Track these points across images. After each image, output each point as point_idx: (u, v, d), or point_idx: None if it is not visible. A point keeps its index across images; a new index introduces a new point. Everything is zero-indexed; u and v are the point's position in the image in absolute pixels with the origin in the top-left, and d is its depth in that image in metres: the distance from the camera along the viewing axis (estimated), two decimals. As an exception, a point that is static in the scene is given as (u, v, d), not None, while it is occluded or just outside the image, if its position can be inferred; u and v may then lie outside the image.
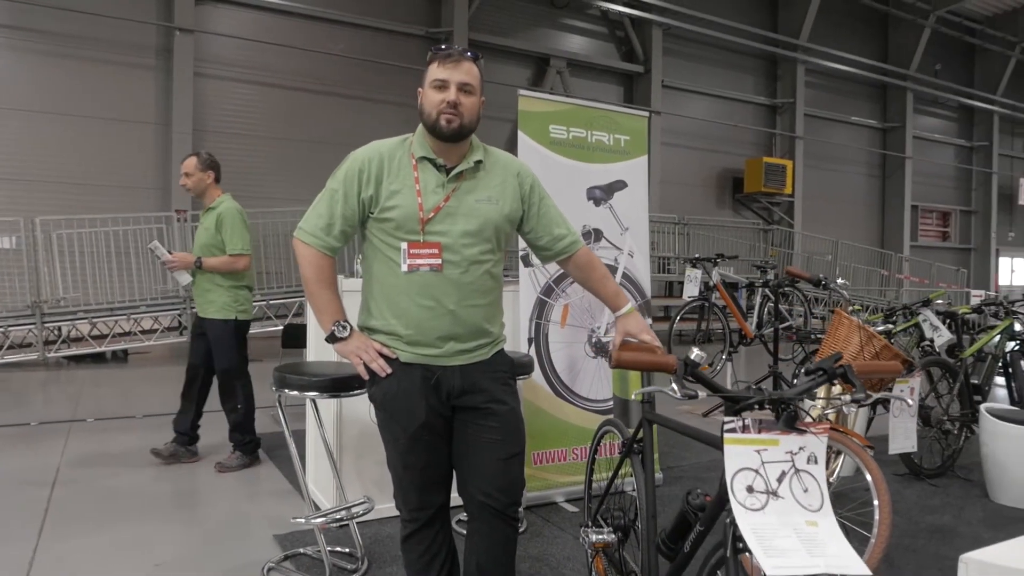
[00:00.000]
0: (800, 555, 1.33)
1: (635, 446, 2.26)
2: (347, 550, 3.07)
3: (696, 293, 6.02)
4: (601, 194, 4.01)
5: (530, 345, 3.74)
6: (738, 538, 1.49)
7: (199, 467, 4.32)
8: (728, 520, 1.50)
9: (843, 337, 2.72)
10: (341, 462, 3.35)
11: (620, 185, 4.08)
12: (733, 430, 1.46)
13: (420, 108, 1.97)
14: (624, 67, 14.27)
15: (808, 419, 1.50)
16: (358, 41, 11.71)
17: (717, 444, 1.95)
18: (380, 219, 1.96)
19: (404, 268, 1.93)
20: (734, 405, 1.53)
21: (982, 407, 4.04)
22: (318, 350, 3.67)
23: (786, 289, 6.17)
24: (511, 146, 12.60)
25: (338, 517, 2.81)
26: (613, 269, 4.01)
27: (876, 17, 17.63)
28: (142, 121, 10.26)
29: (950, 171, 19.62)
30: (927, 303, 5.30)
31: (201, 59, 10.54)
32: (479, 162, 2.01)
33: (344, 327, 1.97)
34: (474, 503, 2.02)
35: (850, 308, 5.27)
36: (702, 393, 1.57)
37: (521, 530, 3.31)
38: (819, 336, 5.18)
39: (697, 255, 6.27)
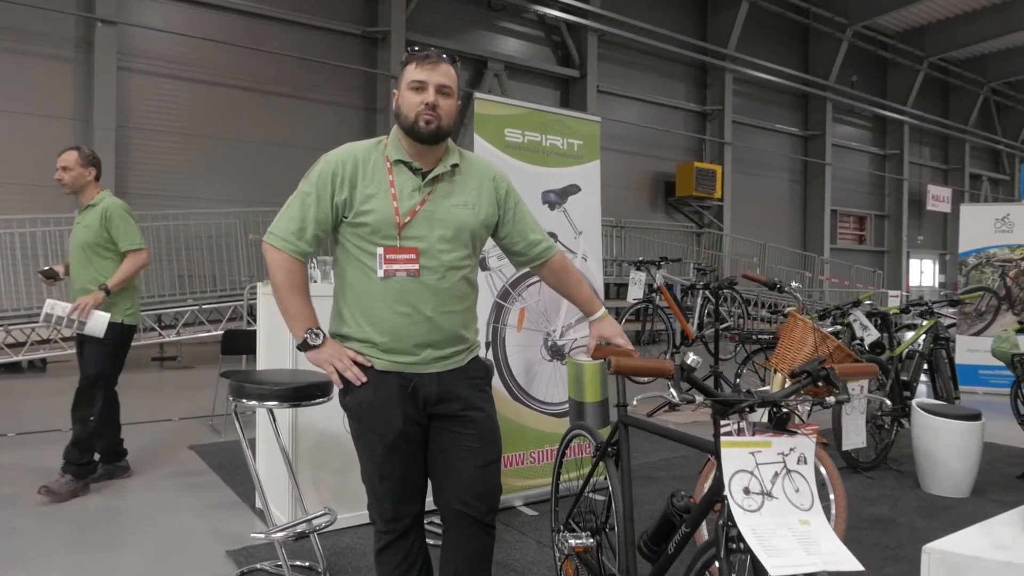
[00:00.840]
0: (798, 554, 1.37)
1: (609, 449, 2.28)
2: (307, 564, 2.98)
3: (641, 295, 6.14)
4: (555, 198, 4.03)
5: (487, 349, 3.72)
6: (731, 538, 1.51)
7: (135, 483, 4.11)
8: (721, 522, 1.52)
9: (798, 338, 2.82)
10: (297, 473, 3.24)
11: (574, 189, 4.11)
12: (729, 433, 1.48)
13: (396, 110, 1.93)
14: (560, 71, 14.42)
15: (798, 420, 1.54)
16: (292, 39, 11.43)
17: (693, 444, 1.99)
18: (354, 223, 1.91)
19: (380, 274, 1.88)
20: (726, 408, 1.56)
21: (913, 403, 4.26)
22: (270, 357, 3.55)
23: (725, 291, 6.36)
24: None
25: (300, 530, 2.72)
26: (568, 272, 4.03)
27: (798, 30, 18.41)
28: (59, 116, 9.70)
29: (865, 177, 20.67)
30: (857, 304, 5.56)
31: (125, 52, 10.05)
32: (455, 166, 1.97)
33: (317, 334, 1.91)
34: (451, 511, 1.98)
35: (787, 308, 5.48)
36: (699, 397, 1.59)
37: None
38: (760, 336, 5.36)
39: (641, 258, 6.39)
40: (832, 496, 2.61)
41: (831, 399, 1.57)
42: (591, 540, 2.24)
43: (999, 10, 17.62)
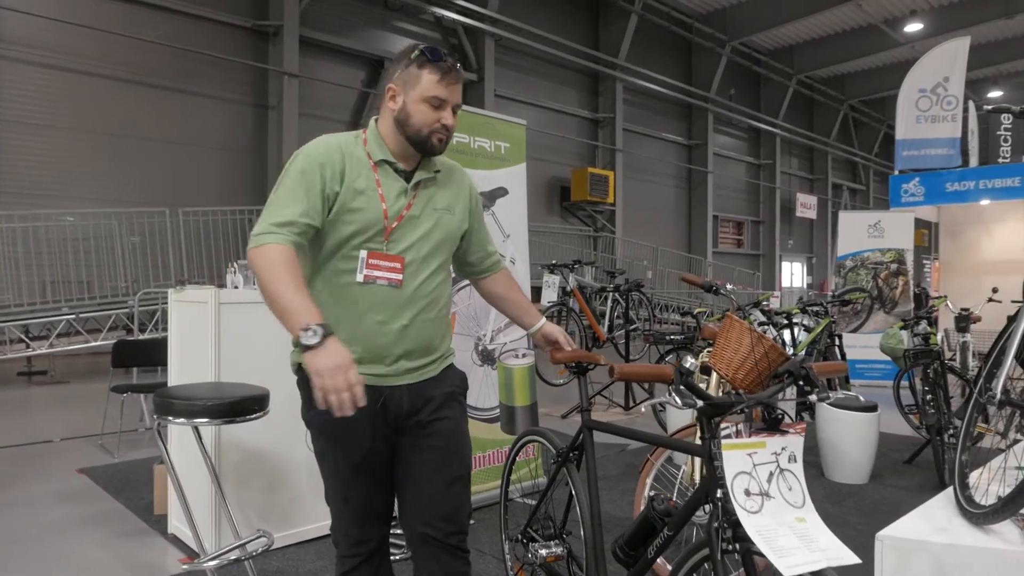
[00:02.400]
0: (802, 552, 1.39)
1: (571, 455, 2.26)
2: (238, 591, 2.77)
3: (555, 298, 6.19)
4: (485, 201, 3.99)
5: (419, 355, 3.62)
6: (726, 539, 1.53)
7: (22, 513, 3.69)
8: (716, 524, 1.53)
9: (735, 339, 2.92)
10: (225, 488, 3.01)
11: (501, 192, 4.09)
12: (728, 436, 1.49)
13: (403, 116, 1.77)
14: (458, 74, 14.37)
15: (787, 420, 1.57)
16: (176, 28, 10.73)
17: (659, 443, 2.01)
18: (338, 222, 1.75)
19: (359, 278, 1.76)
20: (716, 411, 1.57)
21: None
22: (185, 370, 3.28)
23: (634, 294, 6.54)
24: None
25: (234, 557, 2.53)
26: (497, 276, 4.00)
27: (683, 44, 19.32)
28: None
29: (743, 185, 21.98)
30: (757, 304, 5.88)
31: (-18, 35, 9.08)
32: (438, 172, 1.89)
33: (315, 332, 1.51)
34: (415, 535, 1.85)
35: (696, 311, 5.71)
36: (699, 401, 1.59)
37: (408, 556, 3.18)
38: (672, 337, 5.54)
39: (555, 261, 6.45)
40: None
41: (813, 397, 1.62)
42: (562, 548, 2.21)
43: (857, 34, 19.24)
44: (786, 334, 5.81)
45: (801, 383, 1.63)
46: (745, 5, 18.03)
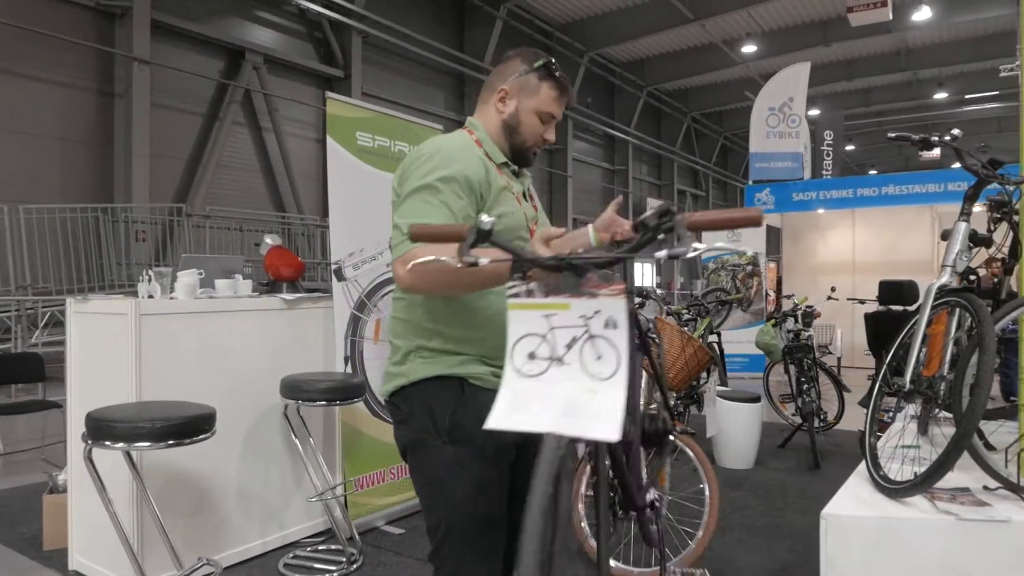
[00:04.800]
0: (543, 416, 1.19)
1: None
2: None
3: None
4: (405, 206, 3.95)
5: (346, 363, 3.52)
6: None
7: None
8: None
9: (667, 339, 3.13)
10: (142, 521, 2.77)
11: (421, 197, 4.06)
12: (517, 295, 1.28)
13: (514, 122, 1.75)
14: (323, 70, 13.92)
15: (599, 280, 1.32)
16: (7, 2, 9.54)
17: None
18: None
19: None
20: (520, 267, 1.33)
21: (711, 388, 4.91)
22: (89, 390, 2.96)
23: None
24: (206, 140, 11.45)
25: (180, 588, 2.35)
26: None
27: (544, 51, 19.88)
28: None
29: (599, 189, 23.03)
30: (643, 305, 6.23)
31: None
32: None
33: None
34: None
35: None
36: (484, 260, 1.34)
37: (358, 565, 3.11)
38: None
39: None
40: (705, 479, 2.94)
41: (679, 249, 1.29)
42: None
43: (700, 52, 20.77)
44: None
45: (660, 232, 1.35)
46: (601, 18, 18.91)
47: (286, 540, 3.31)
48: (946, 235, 2.72)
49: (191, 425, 2.28)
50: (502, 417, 1.20)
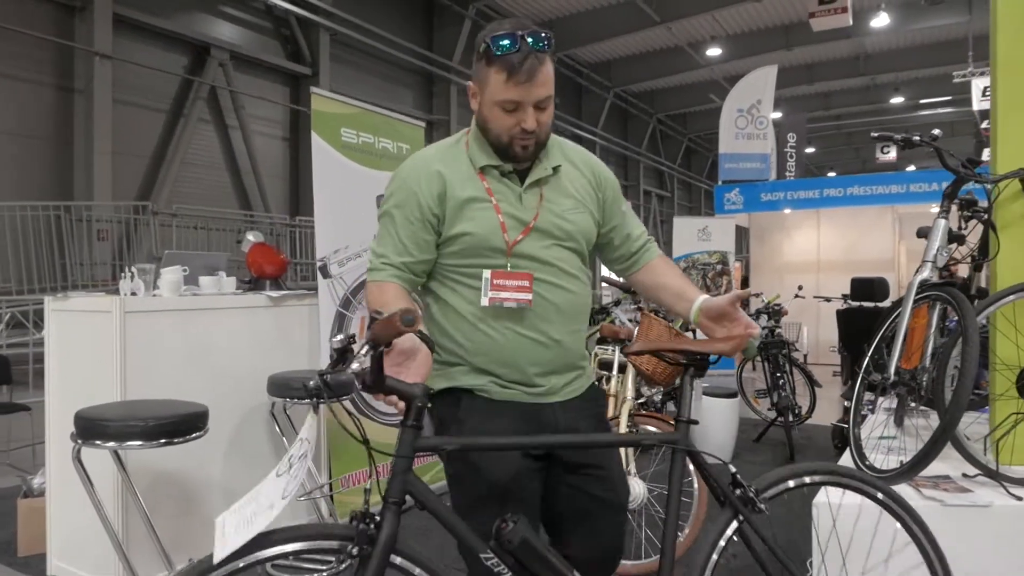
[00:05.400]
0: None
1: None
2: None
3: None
4: (389, 203, 3.93)
5: (332, 362, 3.49)
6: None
7: None
8: None
9: (655, 335, 3.16)
10: (127, 524, 2.71)
11: (404, 194, 4.04)
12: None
13: (482, 121, 1.60)
14: (291, 67, 13.75)
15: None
16: (-42, -7, 9.23)
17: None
18: (448, 243, 1.62)
19: (484, 302, 1.57)
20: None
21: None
22: (67, 388, 2.89)
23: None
24: (170, 137, 11.25)
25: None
26: (401, 279, 3.96)
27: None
28: None
29: (566, 190, 23.14)
30: (618, 303, 6.30)
31: None
32: (558, 167, 1.68)
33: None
34: None
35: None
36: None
37: (347, 564, 3.08)
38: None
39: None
40: (694, 472, 2.98)
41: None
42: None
43: (666, 55, 21.02)
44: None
45: None
46: (569, 19, 19.01)
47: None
48: (922, 232, 2.82)
49: (185, 423, 2.24)
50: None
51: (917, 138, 2.61)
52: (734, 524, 1.66)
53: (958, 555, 2.01)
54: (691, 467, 2.93)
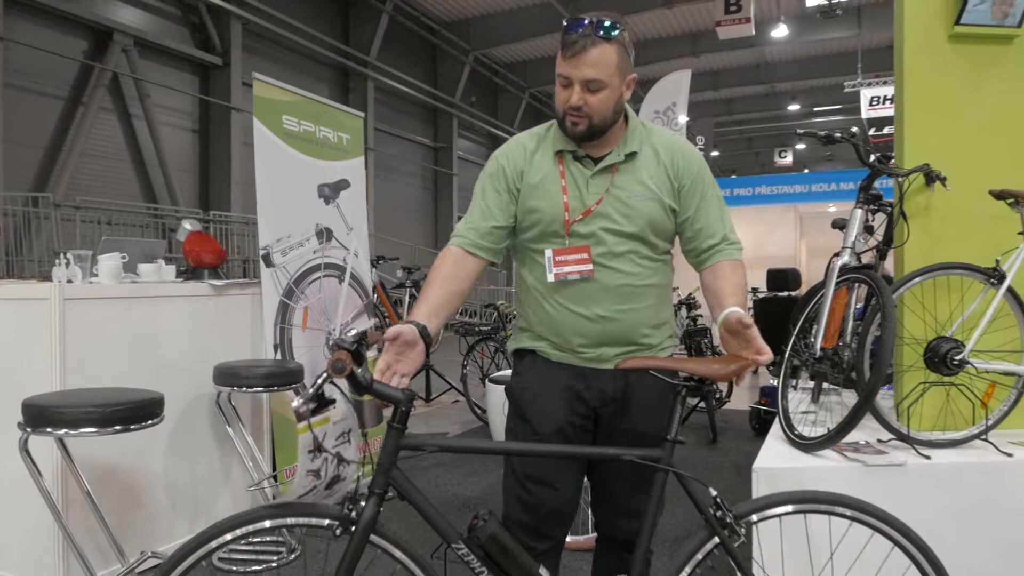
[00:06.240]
0: None
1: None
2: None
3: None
4: (330, 192, 3.92)
5: (276, 351, 3.46)
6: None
7: None
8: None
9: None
10: (69, 514, 2.60)
11: (345, 184, 4.04)
12: None
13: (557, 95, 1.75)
14: (200, 56, 13.22)
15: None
16: None
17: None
18: (522, 220, 1.83)
19: (550, 278, 1.77)
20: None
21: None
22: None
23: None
24: (68, 126, 10.74)
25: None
26: (342, 269, 3.95)
27: (430, 48, 19.87)
28: None
29: (483, 188, 23.26)
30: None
31: None
32: (632, 154, 1.75)
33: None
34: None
35: (499, 303, 6.10)
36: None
37: (297, 554, 3.08)
38: (481, 328, 5.87)
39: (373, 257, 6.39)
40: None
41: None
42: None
43: (580, 56, 21.52)
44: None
45: None
46: (486, 19, 19.15)
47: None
48: (838, 223, 3.09)
49: (141, 410, 2.20)
50: None
51: (838, 135, 2.86)
52: (710, 544, 1.66)
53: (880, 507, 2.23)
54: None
